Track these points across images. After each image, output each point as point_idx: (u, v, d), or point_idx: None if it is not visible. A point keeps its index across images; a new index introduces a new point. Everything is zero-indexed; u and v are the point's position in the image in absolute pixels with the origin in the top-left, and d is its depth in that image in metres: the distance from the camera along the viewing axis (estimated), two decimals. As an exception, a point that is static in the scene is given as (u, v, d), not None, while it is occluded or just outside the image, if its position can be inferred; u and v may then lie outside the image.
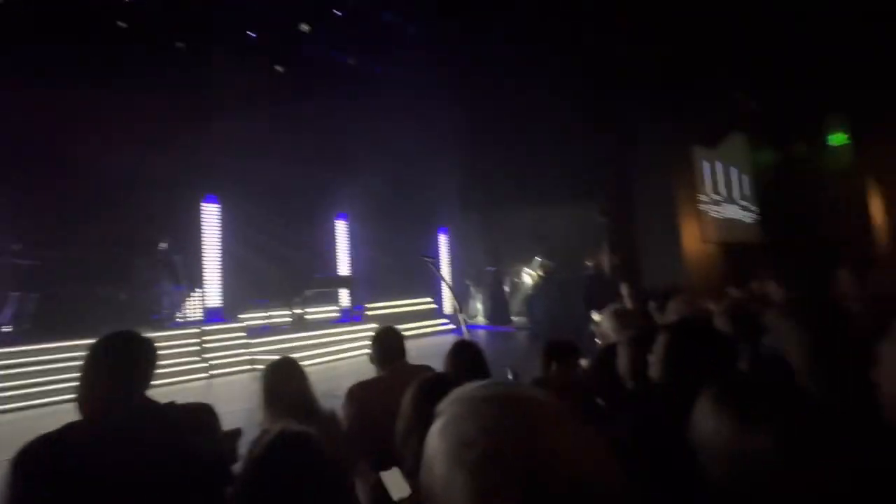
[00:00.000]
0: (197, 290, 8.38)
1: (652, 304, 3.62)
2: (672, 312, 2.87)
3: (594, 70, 8.50)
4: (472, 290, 11.65)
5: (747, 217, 10.69)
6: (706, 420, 0.74)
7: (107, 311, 6.34)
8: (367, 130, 9.67)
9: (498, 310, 10.89)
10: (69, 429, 1.23)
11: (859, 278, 3.50)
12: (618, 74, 8.49)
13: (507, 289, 10.91)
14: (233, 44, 7.92)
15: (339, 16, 8.21)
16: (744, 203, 10.62)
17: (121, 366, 1.37)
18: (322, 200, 10.36)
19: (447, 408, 0.53)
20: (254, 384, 1.98)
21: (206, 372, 6.71)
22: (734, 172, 10.45)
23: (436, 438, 0.52)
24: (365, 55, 9.21)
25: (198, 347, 6.91)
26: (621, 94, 8.71)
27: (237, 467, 1.32)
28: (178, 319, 7.58)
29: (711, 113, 8.98)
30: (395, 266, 10.24)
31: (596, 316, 6.89)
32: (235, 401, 5.24)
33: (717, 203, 9.70)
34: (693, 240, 8.77)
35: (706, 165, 9.56)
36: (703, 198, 9.25)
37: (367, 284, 9.93)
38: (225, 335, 7.33)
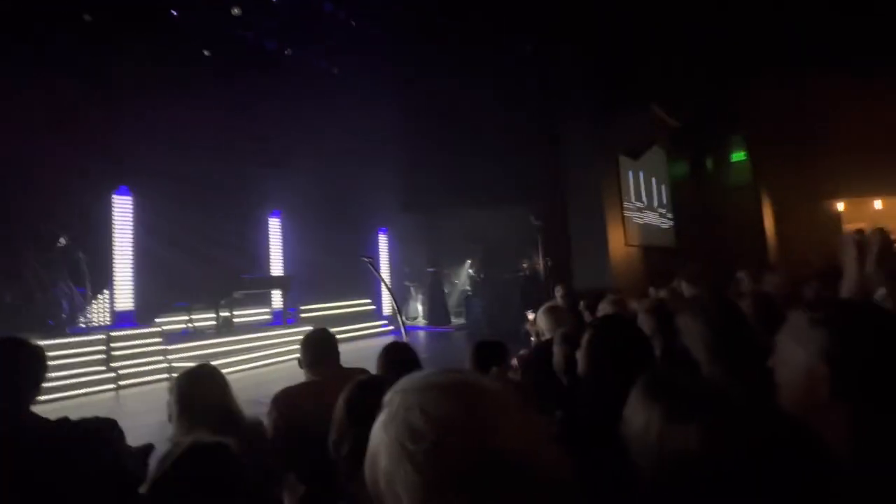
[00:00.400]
0: (104, 291, 7.52)
1: (583, 304, 3.83)
2: (601, 312, 3.05)
3: (529, 80, 8.89)
4: (412, 290, 11.62)
5: (665, 223, 11.68)
6: (637, 416, 0.78)
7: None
8: (303, 126, 9.27)
9: (437, 310, 10.95)
10: None
11: (755, 279, 3.96)
12: (551, 85, 8.94)
13: (445, 290, 11.01)
14: (151, 20, 7.20)
15: (274, 2, 7.81)
16: (661, 210, 11.59)
17: (5, 377, 1.23)
18: (253, 196, 9.77)
19: (393, 397, 0.50)
20: (170, 395, 1.80)
21: (114, 383, 6.04)
22: (654, 182, 11.37)
23: (380, 431, 0.49)
24: (303, 46, 8.84)
25: (104, 356, 6.20)
26: (554, 104, 9.17)
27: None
28: (80, 325, 6.75)
29: (637, 127, 9.73)
30: (332, 266, 9.91)
31: (531, 315, 7.15)
32: (149, 413, 4.76)
33: (639, 210, 10.49)
34: (618, 244, 9.41)
35: (630, 175, 10.32)
36: (627, 205, 9.96)
37: (303, 285, 9.51)
38: (137, 341, 6.65)
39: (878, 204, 11.49)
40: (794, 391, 0.74)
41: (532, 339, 3.76)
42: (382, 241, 11.70)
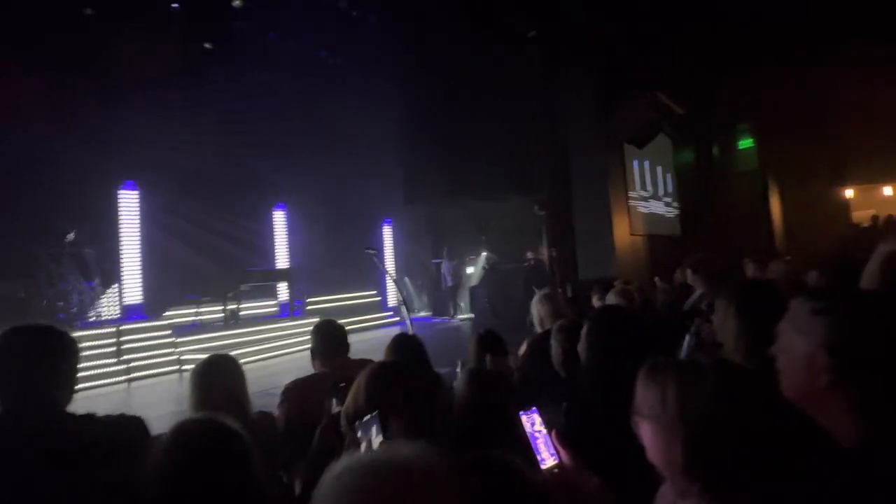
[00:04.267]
0: (113, 285, 7.62)
1: (594, 295, 3.83)
2: (608, 302, 3.05)
3: (531, 67, 8.78)
4: (417, 282, 11.67)
5: (670, 212, 11.60)
6: (649, 392, 0.79)
7: (1, 311, 5.60)
8: (307, 118, 9.26)
9: (442, 301, 11.00)
10: None
11: (761, 267, 3.95)
12: (554, 72, 8.83)
13: (450, 281, 11.04)
14: (153, 12, 7.17)
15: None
16: (667, 199, 11.50)
17: (35, 368, 1.14)
18: (258, 190, 9.81)
19: (327, 483, 0.51)
20: (180, 386, 1.83)
21: (125, 375, 6.14)
22: (659, 171, 11.28)
23: None
24: (307, 37, 8.79)
25: (114, 349, 6.30)
26: (557, 92, 9.08)
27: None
28: (90, 318, 6.86)
29: (642, 114, 9.62)
30: (337, 258, 9.97)
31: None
32: (160, 404, 4.87)
33: (644, 199, 10.42)
34: (623, 233, 9.37)
35: (636, 163, 10.23)
36: (632, 194, 9.89)
37: (308, 277, 9.58)
38: (147, 334, 6.75)
39: (887, 190, 11.34)
40: (793, 380, 0.75)
41: (536, 329, 3.77)
42: (387, 233, 11.72)
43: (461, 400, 1.55)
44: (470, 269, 10.84)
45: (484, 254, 10.51)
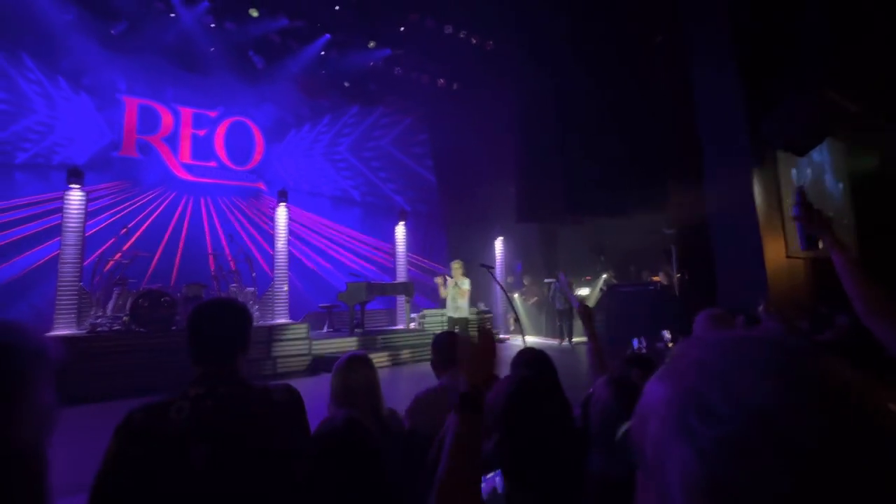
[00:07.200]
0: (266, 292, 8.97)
1: (741, 319, 3.33)
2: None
3: (658, 67, 8.08)
4: (527, 302, 11.42)
5: (840, 229, 9.56)
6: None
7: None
8: (427, 138, 9.88)
9: (553, 323, 10.57)
10: (173, 400, 1.21)
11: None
12: (686, 70, 7.99)
13: (561, 303, 10.55)
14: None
15: (402, 30, 8.48)
16: (836, 215, 9.52)
17: (226, 335, 1.31)
18: (384, 207, 10.71)
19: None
20: (312, 380, 2.05)
21: (272, 367, 7.13)
22: (827, 181, 9.42)
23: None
24: (429, 68, 9.46)
25: (265, 346, 7.36)
26: (691, 93, 8.18)
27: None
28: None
29: (802, 115, 8.17)
30: (449, 273, 10.30)
31: (667, 335, 6.45)
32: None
33: (805, 215, 8.76)
34: (778, 254, 7.98)
35: (794, 173, 8.70)
36: (789, 209, 8.41)
37: (424, 291, 10.08)
38: (290, 333, 7.75)
39: None
40: None
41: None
42: (499, 249, 11.76)
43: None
44: (584, 291, 10.25)
45: (603, 276, 9.86)
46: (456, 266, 7.19)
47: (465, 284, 7.11)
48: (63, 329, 6.56)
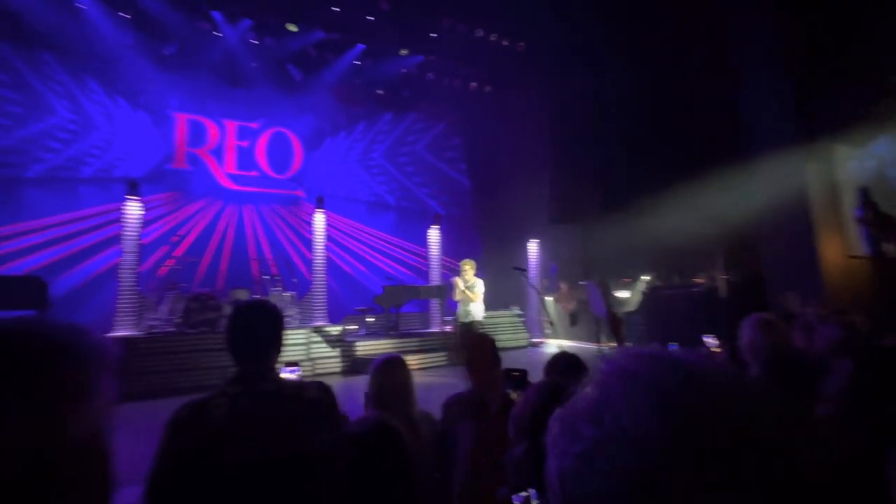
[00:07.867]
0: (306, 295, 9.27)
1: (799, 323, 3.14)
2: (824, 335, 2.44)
3: (707, 61, 7.73)
4: (560, 305, 11.19)
5: (912, 228, 8.76)
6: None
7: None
8: (460, 142, 9.92)
9: (588, 327, 10.28)
10: (213, 397, 1.28)
11: None
12: (732, 56, 7.59)
13: (598, 307, 10.25)
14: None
15: (435, 37, 8.58)
16: (907, 211, 8.73)
17: (263, 335, 1.38)
18: (418, 211, 10.84)
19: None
20: (345, 383, 2.11)
21: (312, 369, 7.35)
22: (893, 175, 8.67)
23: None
24: (461, 72, 9.51)
25: (304, 348, 7.60)
26: (738, 81, 7.76)
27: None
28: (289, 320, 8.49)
29: (860, 105, 7.59)
30: (485, 276, 10.27)
31: (710, 340, 6.16)
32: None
33: (868, 211, 8.10)
34: (836, 255, 7.44)
35: (855, 167, 8.08)
36: (850, 206, 7.81)
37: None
38: (327, 335, 7.97)
39: None
40: None
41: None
42: (534, 251, 11.60)
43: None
44: (624, 294, 9.92)
45: (643, 277, 9.51)
46: (466, 266, 6.33)
47: (478, 287, 6.23)
48: (123, 330, 7.06)
